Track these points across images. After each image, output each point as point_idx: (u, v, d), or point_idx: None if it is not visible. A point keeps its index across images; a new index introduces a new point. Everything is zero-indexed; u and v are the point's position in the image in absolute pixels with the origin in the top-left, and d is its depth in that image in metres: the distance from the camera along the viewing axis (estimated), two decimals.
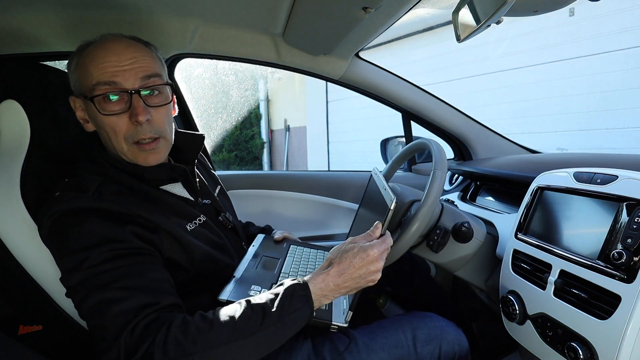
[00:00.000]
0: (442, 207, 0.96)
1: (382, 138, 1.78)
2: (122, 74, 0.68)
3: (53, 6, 0.99)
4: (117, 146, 0.72)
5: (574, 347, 0.63)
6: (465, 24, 0.77)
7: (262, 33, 1.25)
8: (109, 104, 0.69)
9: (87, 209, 0.64)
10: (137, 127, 0.70)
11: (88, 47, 0.72)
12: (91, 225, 0.63)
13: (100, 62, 0.68)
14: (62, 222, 0.64)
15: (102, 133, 0.73)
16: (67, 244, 0.63)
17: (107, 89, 0.68)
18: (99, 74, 0.68)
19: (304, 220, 1.54)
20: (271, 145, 7.26)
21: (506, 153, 1.55)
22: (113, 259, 0.62)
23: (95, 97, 0.68)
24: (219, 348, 0.57)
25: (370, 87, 1.45)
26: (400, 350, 0.78)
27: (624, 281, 0.58)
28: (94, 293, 0.59)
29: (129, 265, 0.62)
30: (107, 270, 0.61)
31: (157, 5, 1.05)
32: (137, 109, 0.69)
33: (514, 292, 0.79)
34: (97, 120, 0.71)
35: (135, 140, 0.71)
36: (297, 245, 1.07)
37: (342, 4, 0.87)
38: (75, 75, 0.72)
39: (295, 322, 0.63)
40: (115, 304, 0.58)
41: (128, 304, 0.58)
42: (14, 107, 0.75)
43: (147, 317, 0.58)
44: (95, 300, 0.59)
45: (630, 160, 0.94)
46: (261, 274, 0.86)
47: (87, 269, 0.60)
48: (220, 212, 0.89)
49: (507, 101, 3.95)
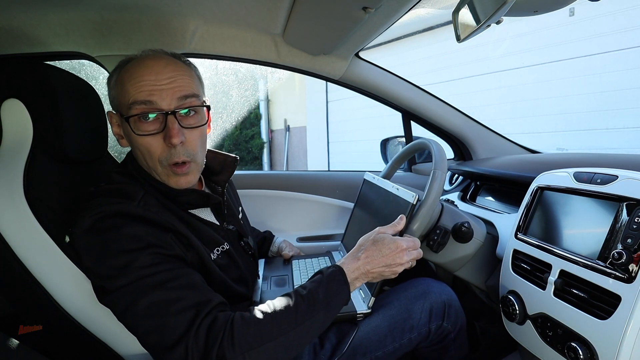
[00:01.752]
0: (442, 207, 0.96)
1: (382, 138, 1.78)
2: (159, 93, 0.67)
3: (53, 6, 0.99)
4: (152, 166, 0.72)
5: (574, 347, 0.63)
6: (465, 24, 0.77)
7: (262, 33, 1.25)
8: (144, 123, 0.68)
9: (133, 215, 0.64)
10: (170, 149, 0.69)
11: (128, 64, 0.71)
12: (137, 230, 0.63)
13: (138, 80, 0.67)
14: (107, 223, 0.63)
15: (136, 152, 0.73)
16: (111, 245, 0.62)
17: (143, 108, 0.67)
18: (136, 92, 0.67)
19: (304, 220, 1.54)
20: (271, 145, 7.26)
21: (506, 153, 1.55)
22: (162, 262, 0.62)
23: (130, 117, 0.67)
24: (280, 338, 0.61)
25: (370, 87, 1.45)
26: (393, 310, 0.85)
27: (624, 281, 0.58)
28: (149, 293, 0.59)
29: (177, 268, 0.64)
30: (159, 271, 0.61)
31: (157, 5, 1.05)
32: (171, 130, 0.67)
33: (514, 292, 0.79)
34: (132, 139, 0.71)
35: (170, 162, 0.70)
36: (298, 258, 1.12)
37: (342, 4, 0.87)
38: (114, 92, 0.72)
39: (338, 304, 0.68)
40: (174, 303, 0.59)
41: (186, 303, 0.59)
42: (17, 106, 0.75)
43: (207, 317, 0.60)
44: (152, 300, 0.59)
45: (630, 160, 0.94)
46: (277, 292, 0.92)
47: (138, 270, 0.60)
48: (243, 237, 0.90)
49: (507, 101, 3.95)
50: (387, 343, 0.82)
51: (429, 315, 0.85)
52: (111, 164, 1.01)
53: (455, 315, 0.88)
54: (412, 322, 0.83)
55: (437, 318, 0.85)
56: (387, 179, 1.26)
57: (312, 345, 0.81)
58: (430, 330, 0.85)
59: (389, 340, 0.82)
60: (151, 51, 0.73)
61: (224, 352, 0.57)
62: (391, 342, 0.82)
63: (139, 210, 0.65)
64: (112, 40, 1.15)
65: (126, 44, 1.18)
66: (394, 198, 0.91)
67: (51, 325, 0.74)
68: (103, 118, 0.92)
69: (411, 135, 1.61)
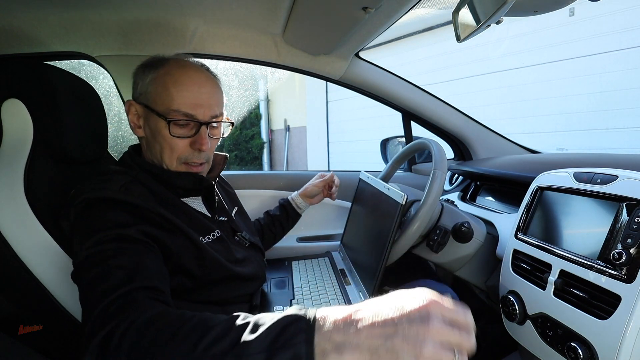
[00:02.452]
0: (442, 207, 0.96)
1: (382, 138, 1.78)
2: (200, 109, 0.75)
3: (53, 6, 0.99)
4: (166, 160, 0.77)
5: (574, 347, 0.63)
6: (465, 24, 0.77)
7: (262, 33, 1.25)
8: (181, 128, 0.76)
9: (111, 199, 0.67)
10: (194, 152, 0.78)
11: (166, 65, 0.76)
12: (112, 213, 0.65)
13: (183, 88, 0.74)
14: (87, 209, 0.67)
15: (154, 144, 0.78)
16: (85, 227, 0.64)
17: (186, 118, 0.75)
18: (181, 101, 0.74)
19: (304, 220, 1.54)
20: (271, 145, 7.26)
21: (506, 153, 1.55)
22: (115, 241, 0.62)
23: (172, 120, 0.74)
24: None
25: (370, 87, 1.45)
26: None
27: (624, 281, 0.58)
28: (92, 269, 0.58)
29: (127, 248, 0.62)
30: (108, 249, 0.60)
31: (157, 5, 1.05)
32: (203, 139, 0.77)
33: (514, 292, 0.79)
34: (159, 135, 0.76)
35: (188, 161, 0.78)
36: (298, 260, 1.12)
37: (342, 4, 0.87)
38: (150, 88, 0.76)
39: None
40: (103, 281, 0.56)
41: (112, 281, 0.56)
42: (17, 106, 0.76)
43: (124, 297, 0.54)
44: (91, 275, 0.58)
45: (630, 160, 0.94)
46: (277, 294, 0.93)
47: (91, 247, 0.61)
48: (237, 232, 0.91)
49: (507, 101, 3.95)
50: None
51: None
52: (111, 164, 1.01)
53: None
54: None
55: None
56: (387, 179, 1.27)
57: None
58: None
59: None
60: (186, 59, 0.79)
61: (111, 337, 0.48)
62: None
63: (119, 195, 0.67)
64: (112, 40, 1.15)
65: (126, 44, 1.18)
66: (385, 198, 0.90)
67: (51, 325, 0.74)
68: (103, 118, 0.92)
69: (411, 135, 1.61)
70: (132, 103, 0.79)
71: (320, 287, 0.95)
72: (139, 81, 0.78)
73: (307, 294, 0.92)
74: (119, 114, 1.85)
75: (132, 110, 0.79)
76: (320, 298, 0.89)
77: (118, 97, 1.34)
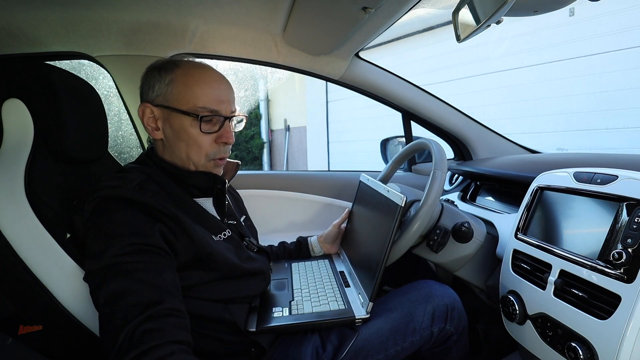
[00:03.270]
0: (442, 207, 0.96)
1: (382, 138, 1.78)
2: (222, 104, 0.79)
3: (53, 6, 0.99)
4: (194, 158, 0.79)
5: (574, 347, 0.63)
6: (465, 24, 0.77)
7: (262, 33, 1.25)
8: (206, 124, 0.78)
9: (126, 199, 0.68)
10: (220, 147, 0.81)
11: (182, 67, 0.78)
12: (126, 215, 0.66)
13: (206, 86, 0.77)
14: (101, 208, 0.68)
15: (178, 144, 0.78)
16: (100, 228, 0.65)
17: (211, 114, 0.78)
18: (206, 98, 0.77)
19: (304, 220, 1.54)
20: (271, 145, 7.26)
21: (506, 153, 1.55)
22: (137, 253, 0.63)
23: (204, 116, 0.77)
24: None
25: (370, 87, 1.45)
26: (395, 313, 0.84)
27: (624, 281, 0.58)
28: (114, 280, 0.60)
29: (149, 262, 0.64)
30: (131, 261, 0.62)
31: (157, 5, 1.05)
32: (228, 132, 0.81)
33: (514, 292, 0.79)
34: (184, 133, 0.77)
35: (216, 157, 0.81)
36: (298, 261, 1.13)
37: (342, 4, 0.87)
38: (169, 88, 0.77)
39: None
40: (130, 296, 0.59)
41: (139, 298, 0.59)
42: (18, 106, 0.76)
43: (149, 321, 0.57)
44: (114, 287, 0.60)
45: (630, 160, 0.94)
46: (277, 295, 0.93)
47: (112, 257, 0.62)
48: (245, 237, 0.92)
49: (507, 101, 3.95)
50: (389, 346, 0.82)
51: (432, 318, 0.84)
52: (111, 164, 1.01)
53: (458, 318, 0.87)
54: (414, 325, 0.83)
55: (440, 321, 0.85)
56: (387, 179, 1.27)
57: (314, 347, 0.81)
58: (433, 333, 0.84)
59: (391, 343, 0.82)
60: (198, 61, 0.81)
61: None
62: (393, 345, 0.82)
63: (132, 194, 0.68)
64: (112, 40, 1.15)
65: (126, 44, 1.18)
66: (385, 200, 0.90)
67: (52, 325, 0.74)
68: (103, 118, 0.92)
69: (411, 135, 1.61)
70: (147, 106, 0.79)
71: (319, 288, 0.94)
72: (154, 84, 0.78)
73: (306, 295, 0.92)
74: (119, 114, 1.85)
75: (147, 113, 0.79)
76: (320, 300, 0.89)
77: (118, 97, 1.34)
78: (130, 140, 1.97)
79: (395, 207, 0.82)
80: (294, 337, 0.83)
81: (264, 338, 0.79)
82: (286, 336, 0.83)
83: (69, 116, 0.79)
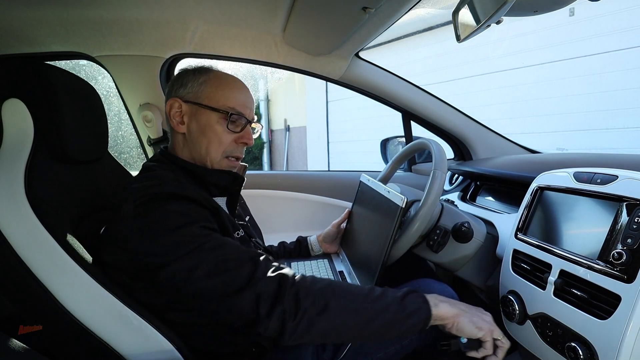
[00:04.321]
0: (442, 207, 0.96)
1: (382, 138, 1.78)
2: (247, 109, 0.86)
3: (53, 6, 0.99)
4: (212, 153, 0.83)
5: (573, 347, 0.63)
6: (465, 24, 0.77)
7: (262, 33, 1.24)
8: (233, 124, 0.84)
9: (171, 194, 0.70)
10: (238, 146, 0.86)
11: (214, 71, 0.86)
12: (180, 207, 0.69)
13: (236, 90, 0.85)
14: (150, 206, 0.68)
15: (200, 139, 0.82)
16: (162, 224, 0.66)
17: (239, 115, 0.84)
18: (235, 101, 0.84)
19: (304, 220, 1.54)
20: (271, 145, 7.26)
21: (506, 153, 1.55)
22: (210, 233, 0.69)
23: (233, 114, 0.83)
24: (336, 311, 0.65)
25: (370, 87, 1.45)
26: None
27: (624, 281, 0.58)
28: (209, 255, 0.65)
29: (221, 237, 0.70)
30: (211, 239, 0.67)
31: (157, 5, 1.05)
32: (249, 134, 0.87)
33: (514, 292, 0.79)
34: (209, 130, 0.82)
35: (232, 155, 0.86)
36: (297, 261, 1.12)
37: (342, 4, 0.87)
38: (202, 87, 0.83)
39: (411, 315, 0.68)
40: (232, 261, 0.66)
41: (242, 257, 0.67)
42: (18, 106, 0.75)
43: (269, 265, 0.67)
44: (213, 260, 0.65)
45: (630, 160, 0.94)
46: None
47: (193, 238, 0.66)
48: (251, 237, 0.95)
49: (507, 101, 3.96)
50: (388, 344, 0.82)
51: None
52: (111, 164, 1.01)
53: None
54: None
55: None
56: (387, 179, 1.26)
57: (315, 347, 0.81)
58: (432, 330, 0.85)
59: (390, 342, 0.82)
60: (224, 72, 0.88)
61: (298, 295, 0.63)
62: (392, 344, 0.82)
63: (177, 189, 0.71)
64: (112, 40, 1.15)
65: (126, 44, 1.18)
66: (386, 201, 0.91)
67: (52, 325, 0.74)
68: (103, 118, 0.92)
69: (411, 135, 1.61)
70: (176, 100, 0.83)
71: None
72: (187, 82, 0.84)
73: None
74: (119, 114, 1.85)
75: (175, 107, 0.84)
76: None
77: (118, 97, 1.34)
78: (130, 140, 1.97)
79: (396, 207, 0.83)
80: None
81: (266, 338, 0.79)
82: None
83: (69, 116, 0.79)
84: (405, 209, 0.83)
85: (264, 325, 0.63)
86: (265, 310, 0.62)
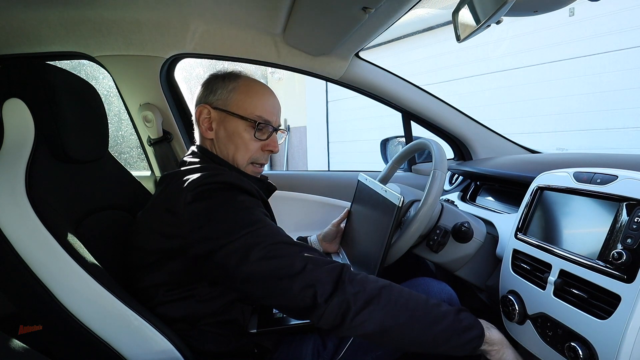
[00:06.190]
0: (442, 207, 0.96)
1: (382, 138, 1.78)
2: (274, 117, 0.88)
3: (53, 6, 0.99)
4: (239, 158, 0.86)
5: (573, 347, 0.63)
6: (465, 24, 0.77)
7: (262, 33, 1.25)
8: (259, 132, 0.86)
9: (231, 183, 0.73)
10: (264, 154, 0.88)
11: (243, 78, 0.87)
12: (239, 195, 0.72)
13: (264, 99, 0.87)
14: (213, 191, 0.70)
15: (228, 145, 0.85)
16: (225, 207, 0.69)
17: (265, 124, 0.86)
18: (263, 110, 0.86)
19: (304, 220, 1.54)
20: None
21: (506, 153, 1.55)
22: (266, 219, 0.71)
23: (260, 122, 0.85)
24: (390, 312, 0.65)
25: (370, 87, 1.45)
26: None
27: (624, 281, 0.58)
28: (267, 238, 0.67)
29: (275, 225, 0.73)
30: (268, 224, 0.70)
31: (157, 5, 1.05)
32: (275, 142, 0.89)
33: (514, 292, 0.79)
34: (237, 137, 0.84)
35: (257, 162, 0.88)
36: None
37: (342, 4, 0.87)
38: (231, 95, 0.85)
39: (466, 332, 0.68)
40: (293, 243, 0.69)
41: (300, 244, 0.70)
42: (19, 106, 0.76)
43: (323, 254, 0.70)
44: (274, 240, 0.67)
45: (630, 160, 0.94)
46: None
47: (256, 220, 0.68)
48: None
49: (507, 101, 3.95)
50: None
51: None
52: (112, 163, 1.01)
53: None
54: None
55: None
56: (387, 179, 1.27)
57: (315, 346, 0.81)
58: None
59: None
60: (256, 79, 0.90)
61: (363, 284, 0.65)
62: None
63: (237, 181, 0.73)
64: (112, 40, 1.15)
65: (126, 44, 1.18)
66: (383, 200, 0.91)
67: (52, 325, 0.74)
68: (104, 118, 0.92)
69: (411, 135, 1.61)
70: (205, 107, 0.86)
71: None
72: (216, 89, 0.86)
73: None
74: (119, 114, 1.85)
75: (204, 114, 0.86)
76: None
77: (118, 97, 1.34)
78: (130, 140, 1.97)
79: (393, 207, 0.83)
80: (294, 336, 0.83)
81: (267, 338, 0.79)
82: (287, 336, 0.83)
83: (69, 116, 0.79)
84: (403, 208, 0.83)
85: (319, 312, 0.62)
86: (323, 299, 0.62)
